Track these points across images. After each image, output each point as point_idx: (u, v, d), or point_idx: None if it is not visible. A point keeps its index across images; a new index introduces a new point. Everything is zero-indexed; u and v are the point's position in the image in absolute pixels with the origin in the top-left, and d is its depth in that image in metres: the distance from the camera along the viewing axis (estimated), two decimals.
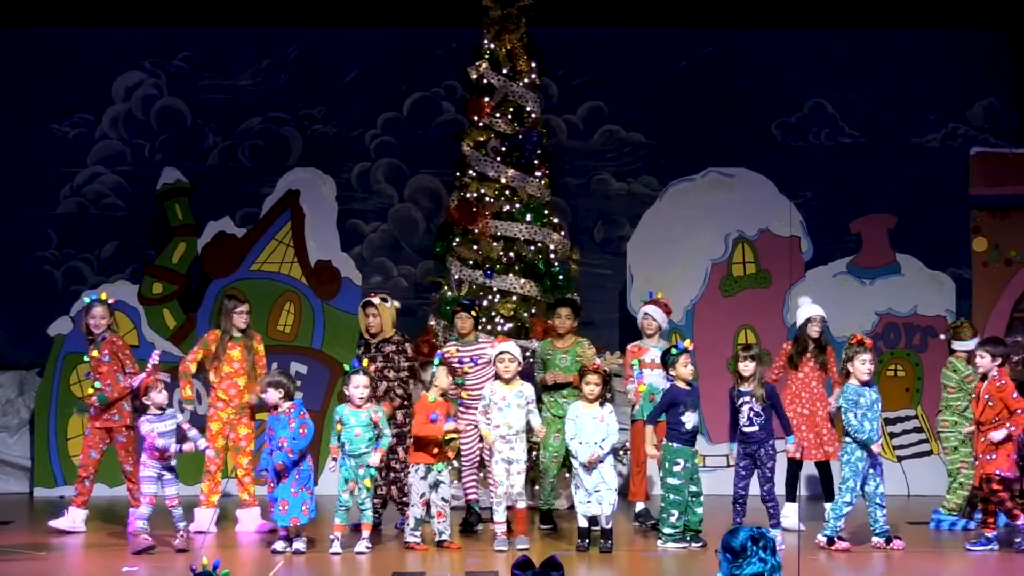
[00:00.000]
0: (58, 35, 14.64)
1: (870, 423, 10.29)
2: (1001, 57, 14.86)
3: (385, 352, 11.24)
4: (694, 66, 14.86)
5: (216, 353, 11.31)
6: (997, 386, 10.29)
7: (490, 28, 13.10)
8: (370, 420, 10.33)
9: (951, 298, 13.81)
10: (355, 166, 14.76)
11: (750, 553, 5.73)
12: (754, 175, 14.09)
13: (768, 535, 5.73)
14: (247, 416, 11.40)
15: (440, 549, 10.35)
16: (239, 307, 11.40)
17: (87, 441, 11.30)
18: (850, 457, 10.31)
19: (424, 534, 10.52)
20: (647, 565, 10.17)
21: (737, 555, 5.77)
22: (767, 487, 10.36)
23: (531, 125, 13.10)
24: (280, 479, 10.18)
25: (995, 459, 10.25)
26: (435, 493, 10.45)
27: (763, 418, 10.35)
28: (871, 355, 10.46)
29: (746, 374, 10.42)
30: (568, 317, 11.47)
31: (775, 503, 10.40)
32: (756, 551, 5.72)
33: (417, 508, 10.41)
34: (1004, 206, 13.91)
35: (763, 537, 5.74)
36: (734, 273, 14.05)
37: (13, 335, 14.44)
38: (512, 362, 10.48)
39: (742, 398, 10.39)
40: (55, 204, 14.62)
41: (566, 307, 11.54)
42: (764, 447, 10.37)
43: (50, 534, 11.04)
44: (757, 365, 10.44)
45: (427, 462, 10.43)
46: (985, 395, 10.31)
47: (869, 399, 10.35)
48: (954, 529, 11.23)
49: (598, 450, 10.28)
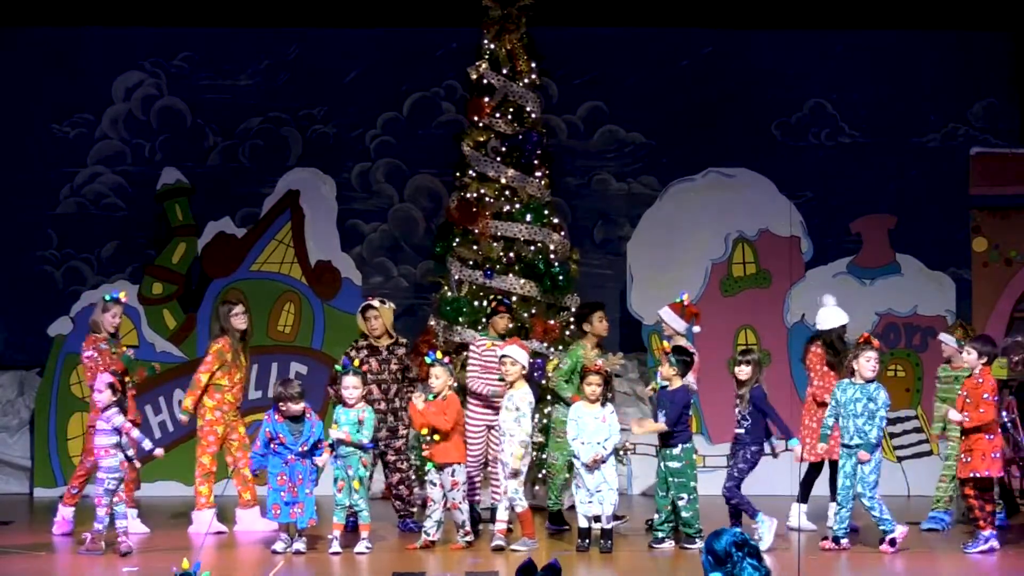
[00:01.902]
0: (58, 35, 14.63)
1: (843, 420, 10.35)
2: (1001, 57, 14.86)
3: (398, 355, 11.32)
4: (694, 66, 14.85)
5: (231, 360, 11.31)
6: (976, 383, 10.33)
7: (490, 28, 13.09)
8: (356, 420, 10.33)
9: (951, 298, 13.81)
10: (355, 166, 14.76)
11: (736, 559, 5.65)
12: (754, 175, 14.09)
13: (751, 541, 5.71)
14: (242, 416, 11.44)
15: (443, 549, 10.35)
16: (233, 309, 11.40)
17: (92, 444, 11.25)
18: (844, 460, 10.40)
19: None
20: (647, 565, 10.17)
21: (722, 560, 5.69)
22: (728, 484, 10.40)
23: (531, 125, 13.09)
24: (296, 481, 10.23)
25: (970, 462, 10.25)
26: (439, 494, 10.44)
27: (749, 422, 10.42)
28: (876, 354, 10.49)
29: (741, 378, 10.48)
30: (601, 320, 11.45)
31: (740, 501, 10.37)
32: (742, 557, 5.65)
33: (438, 510, 10.38)
34: (1004, 206, 13.90)
35: (746, 544, 5.67)
36: (734, 273, 14.05)
37: (13, 335, 14.44)
38: (514, 366, 10.48)
39: (736, 400, 10.48)
40: (55, 204, 14.62)
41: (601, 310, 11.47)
42: (746, 450, 10.42)
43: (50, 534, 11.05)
44: (754, 369, 10.47)
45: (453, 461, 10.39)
46: (963, 392, 10.35)
47: (848, 395, 10.38)
48: (935, 528, 11.24)
49: (600, 450, 10.30)
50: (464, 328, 12.57)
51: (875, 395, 10.37)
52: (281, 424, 10.23)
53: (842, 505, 10.38)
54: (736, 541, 5.66)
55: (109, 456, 10.19)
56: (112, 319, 11.32)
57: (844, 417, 10.39)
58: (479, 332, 12.05)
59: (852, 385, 10.44)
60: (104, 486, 10.18)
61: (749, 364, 10.47)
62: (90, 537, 10.23)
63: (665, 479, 10.45)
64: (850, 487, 10.34)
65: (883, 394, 10.40)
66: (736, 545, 5.66)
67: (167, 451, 11.82)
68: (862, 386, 10.42)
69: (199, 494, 11.27)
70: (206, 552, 10.13)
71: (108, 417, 10.22)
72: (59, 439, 13.71)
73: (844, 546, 10.29)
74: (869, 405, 10.34)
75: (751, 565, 5.65)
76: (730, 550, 5.66)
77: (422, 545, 10.33)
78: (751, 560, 5.65)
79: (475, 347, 11.57)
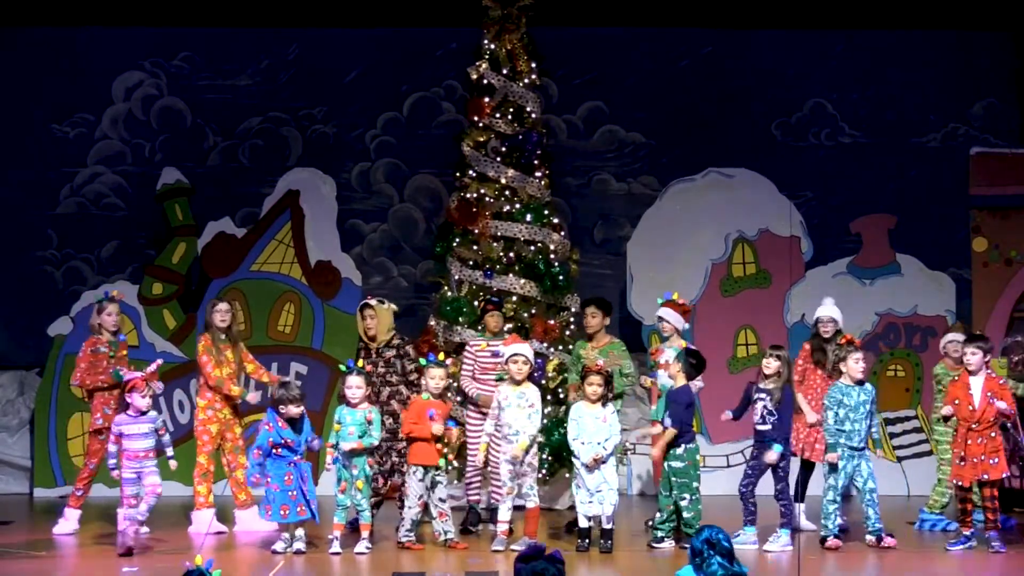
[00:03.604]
0: (58, 35, 14.63)
1: (851, 423, 10.34)
2: (1001, 57, 14.86)
3: (386, 357, 11.21)
4: (694, 66, 14.84)
5: (215, 355, 11.31)
6: (1000, 384, 10.35)
7: (490, 28, 13.09)
8: (364, 420, 10.35)
9: (951, 298, 13.82)
10: (355, 166, 14.75)
11: (706, 555, 6.04)
12: (754, 175, 14.09)
13: (723, 541, 6.01)
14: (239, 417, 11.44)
15: (445, 548, 10.36)
16: (217, 305, 11.43)
17: (100, 445, 11.22)
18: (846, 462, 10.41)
19: (424, 534, 10.51)
20: (647, 565, 10.17)
21: (696, 554, 6.10)
22: (780, 486, 10.39)
23: (531, 125, 13.10)
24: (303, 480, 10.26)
25: (998, 463, 10.25)
26: (433, 494, 10.46)
27: (775, 417, 10.39)
28: (862, 353, 10.50)
29: (768, 372, 10.46)
30: (593, 316, 11.47)
31: (788, 502, 10.41)
32: (712, 555, 6.03)
33: (414, 510, 10.42)
34: (1004, 206, 13.90)
35: (717, 543, 6.04)
36: (734, 273, 14.05)
37: (13, 335, 14.43)
38: (525, 364, 10.47)
39: (759, 394, 10.43)
40: (55, 204, 14.61)
41: (591, 305, 11.54)
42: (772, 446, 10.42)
43: (50, 534, 11.05)
44: (782, 366, 10.46)
45: (425, 463, 10.44)
46: (988, 392, 10.30)
47: (855, 399, 10.38)
48: (934, 530, 11.24)
49: (601, 450, 10.29)
50: (464, 328, 12.57)
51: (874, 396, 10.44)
52: (285, 431, 10.24)
53: (837, 503, 10.38)
54: (709, 539, 6.08)
55: (143, 459, 10.26)
56: (109, 318, 11.32)
57: (853, 420, 10.37)
58: (479, 332, 12.05)
59: (853, 388, 10.43)
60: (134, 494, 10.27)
61: (779, 360, 10.45)
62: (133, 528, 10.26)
63: (668, 479, 10.43)
64: (847, 487, 10.36)
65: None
66: (707, 543, 6.07)
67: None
68: (864, 388, 10.43)
69: (197, 494, 11.29)
70: (206, 552, 10.11)
71: (153, 418, 10.35)
72: (59, 439, 13.71)
73: (890, 543, 10.31)
74: (873, 407, 10.41)
75: (719, 563, 6.02)
76: (702, 547, 6.09)
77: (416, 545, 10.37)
78: (720, 559, 6.03)
79: (470, 348, 11.57)
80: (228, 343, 11.39)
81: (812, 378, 11.34)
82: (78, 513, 11.23)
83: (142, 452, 10.29)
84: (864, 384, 10.49)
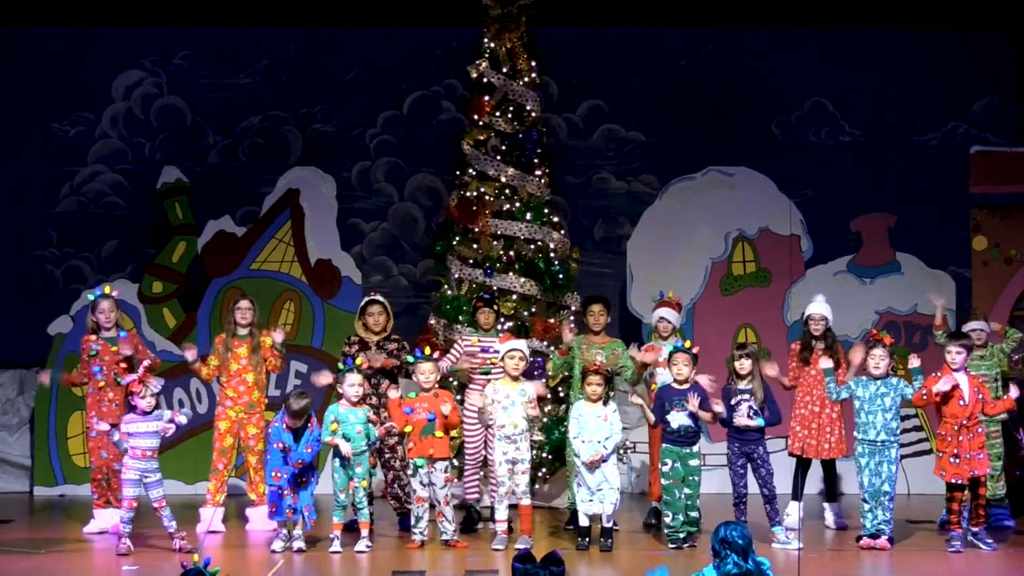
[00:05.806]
0: (58, 35, 14.62)
1: (865, 415, 10.36)
2: (1001, 57, 14.85)
3: (389, 350, 11.30)
4: (694, 66, 14.83)
5: (223, 352, 11.33)
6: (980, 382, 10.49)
7: (490, 27, 13.10)
8: (367, 418, 10.37)
9: (951, 297, 13.81)
10: (355, 165, 14.74)
11: (724, 555, 6.51)
12: (754, 174, 14.11)
13: (737, 539, 6.23)
14: (256, 415, 11.41)
15: (445, 547, 10.36)
16: (239, 303, 11.44)
17: (95, 443, 11.25)
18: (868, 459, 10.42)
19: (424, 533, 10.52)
20: (647, 565, 10.16)
21: (716, 553, 6.58)
22: (767, 488, 10.39)
23: (531, 124, 13.10)
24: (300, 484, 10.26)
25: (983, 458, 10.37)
26: (431, 491, 10.45)
27: (768, 412, 10.41)
28: (882, 351, 10.50)
29: (743, 372, 10.48)
30: (601, 313, 11.48)
31: (775, 503, 10.41)
32: (728, 553, 6.49)
33: (417, 506, 10.42)
34: (1004, 205, 13.91)
35: (732, 542, 6.50)
36: (734, 272, 14.06)
37: (13, 334, 14.43)
38: (522, 360, 10.51)
39: (740, 396, 10.44)
40: (55, 203, 14.60)
41: (598, 303, 11.55)
42: (762, 445, 10.43)
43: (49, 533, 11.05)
44: (754, 363, 10.48)
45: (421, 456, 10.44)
46: (975, 389, 10.37)
47: (871, 391, 10.40)
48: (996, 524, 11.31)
49: (601, 449, 10.30)
50: (464, 326, 12.57)
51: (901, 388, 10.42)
52: (285, 434, 10.27)
53: (870, 502, 10.36)
54: (724, 538, 6.59)
55: (148, 458, 10.26)
56: (102, 315, 11.28)
57: (868, 412, 10.38)
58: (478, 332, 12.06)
59: (871, 381, 10.44)
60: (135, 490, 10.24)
61: (750, 357, 10.48)
62: (177, 536, 10.27)
63: (683, 479, 10.42)
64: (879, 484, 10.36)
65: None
66: (723, 542, 6.59)
67: (168, 450, 11.83)
68: (887, 381, 10.44)
69: (206, 491, 11.33)
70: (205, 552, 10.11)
71: (159, 415, 10.33)
72: (59, 438, 13.71)
73: (883, 544, 10.29)
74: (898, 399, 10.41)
75: (734, 562, 6.48)
76: (718, 547, 6.60)
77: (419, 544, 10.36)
78: (735, 556, 6.47)
79: (460, 340, 11.63)
80: (244, 341, 11.37)
81: (805, 377, 11.35)
82: (107, 512, 11.18)
83: (149, 451, 10.28)
84: (889, 378, 10.51)
